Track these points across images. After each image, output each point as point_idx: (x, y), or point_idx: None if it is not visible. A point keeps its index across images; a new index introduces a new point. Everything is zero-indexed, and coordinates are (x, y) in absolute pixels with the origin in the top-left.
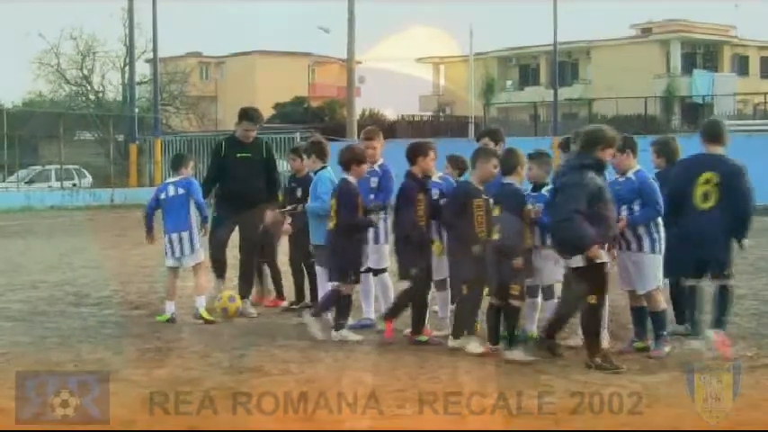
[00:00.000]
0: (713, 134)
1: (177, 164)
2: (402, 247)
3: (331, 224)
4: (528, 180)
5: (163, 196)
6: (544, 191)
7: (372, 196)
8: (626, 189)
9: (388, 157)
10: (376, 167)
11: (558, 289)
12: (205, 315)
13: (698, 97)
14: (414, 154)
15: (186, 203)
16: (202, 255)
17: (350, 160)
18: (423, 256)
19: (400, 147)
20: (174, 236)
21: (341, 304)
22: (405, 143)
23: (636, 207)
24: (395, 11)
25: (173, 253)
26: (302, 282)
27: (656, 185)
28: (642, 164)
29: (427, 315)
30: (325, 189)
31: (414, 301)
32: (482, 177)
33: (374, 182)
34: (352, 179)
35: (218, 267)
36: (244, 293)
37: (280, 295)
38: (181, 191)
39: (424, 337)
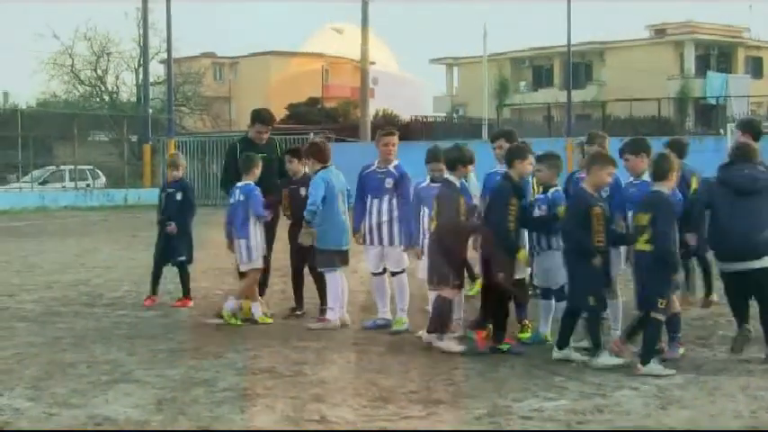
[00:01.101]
0: None
1: (249, 166)
2: (490, 251)
3: (432, 225)
4: (537, 182)
5: (232, 200)
6: (550, 193)
7: (387, 197)
8: (640, 192)
9: (401, 158)
10: (391, 168)
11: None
12: (226, 317)
13: (712, 99)
14: (512, 157)
15: (245, 210)
16: (259, 263)
17: (456, 160)
18: (511, 261)
19: (414, 148)
20: (235, 242)
21: (442, 309)
22: (418, 145)
23: None
24: (408, 11)
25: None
26: (302, 288)
27: None
28: None
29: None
30: (314, 189)
31: (503, 308)
32: (597, 184)
33: (390, 183)
34: (454, 179)
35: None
36: (260, 293)
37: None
38: (241, 197)
39: (506, 345)
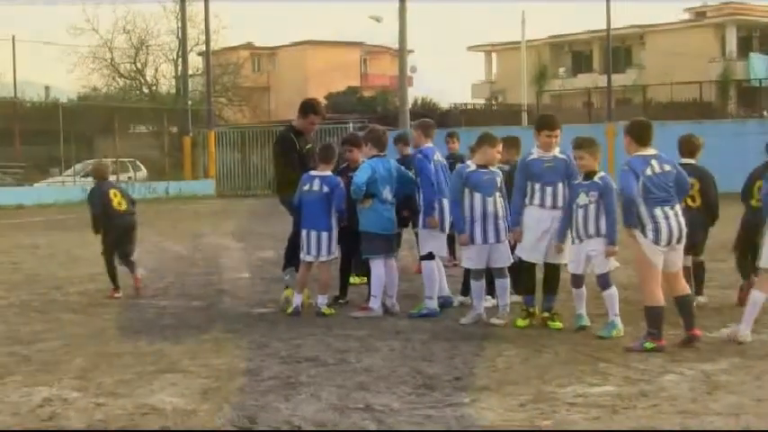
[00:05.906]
0: None
1: (329, 156)
2: None
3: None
4: (581, 169)
5: (306, 188)
6: (596, 178)
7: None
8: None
9: (440, 145)
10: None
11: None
12: (326, 311)
13: (755, 81)
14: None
15: (329, 203)
16: (337, 253)
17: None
18: None
19: None
20: (313, 233)
21: None
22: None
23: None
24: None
25: (308, 250)
26: (348, 277)
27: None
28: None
29: None
30: (359, 172)
31: None
32: None
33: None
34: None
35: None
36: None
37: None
38: (326, 189)
39: None
